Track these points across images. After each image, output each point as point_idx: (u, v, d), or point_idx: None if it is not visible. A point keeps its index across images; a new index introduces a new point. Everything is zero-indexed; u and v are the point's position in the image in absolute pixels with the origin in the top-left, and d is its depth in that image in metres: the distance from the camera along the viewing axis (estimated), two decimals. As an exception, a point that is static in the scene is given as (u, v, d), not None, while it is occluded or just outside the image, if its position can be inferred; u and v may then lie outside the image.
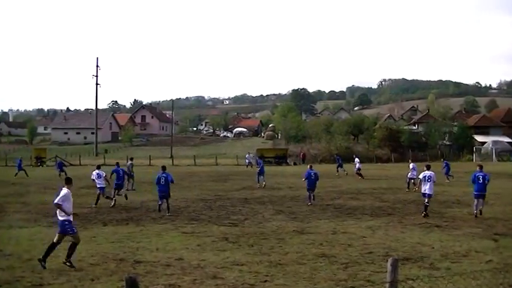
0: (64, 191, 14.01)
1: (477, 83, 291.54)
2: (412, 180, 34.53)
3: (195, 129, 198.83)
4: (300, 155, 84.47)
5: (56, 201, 13.85)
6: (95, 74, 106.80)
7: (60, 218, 13.87)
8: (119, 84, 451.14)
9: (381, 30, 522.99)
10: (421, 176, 23.59)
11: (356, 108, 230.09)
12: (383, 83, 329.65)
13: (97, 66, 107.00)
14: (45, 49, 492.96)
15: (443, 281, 10.84)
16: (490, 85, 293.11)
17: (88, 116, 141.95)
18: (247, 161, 68.24)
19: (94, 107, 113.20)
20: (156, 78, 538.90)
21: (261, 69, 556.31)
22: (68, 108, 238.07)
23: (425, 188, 22.97)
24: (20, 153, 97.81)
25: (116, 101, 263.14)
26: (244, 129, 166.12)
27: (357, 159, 49.55)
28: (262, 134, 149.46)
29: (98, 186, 27.52)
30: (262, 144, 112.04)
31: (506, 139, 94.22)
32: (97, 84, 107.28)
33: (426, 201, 22.88)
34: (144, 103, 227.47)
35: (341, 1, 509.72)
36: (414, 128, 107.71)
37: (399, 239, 17.42)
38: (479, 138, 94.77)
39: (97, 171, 27.95)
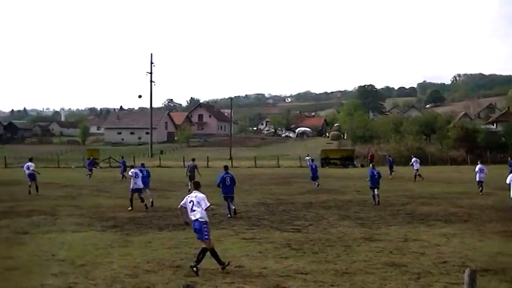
0: (203, 194, 14.28)
1: None
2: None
3: (255, 128, 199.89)
4: (368, 156, 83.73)
5: (208, 205, 14.13)
6: (149, 71, 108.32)
7: (201, 220, 13.92)
8: (175, 82, 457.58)
9: (454, 21, 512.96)
10: (508, 180, 22.98)
11: (428, 106, 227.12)
12: (457, 78, 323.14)
13: (151, 62, 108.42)
14: (96, 46, 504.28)
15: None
16: None
17: (142, 115, 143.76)
18: (308, 163, 68.19)
19: (149, 106, 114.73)
20: (213, 75, 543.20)
21: (325, 65, 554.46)
22: (121, 107, 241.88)
23: None
24: (72, 154, 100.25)
25: (172, 99, 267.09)
26: (308, 129, 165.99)
27: (414, 159, 49.07)
28: (327, 134, 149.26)
29: (133, 187, 27.38)
30: (327, 144, 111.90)
31: None
32: (151, 81, 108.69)
33: None
34: (201, 101, 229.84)
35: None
36: (492, 127, 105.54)
37: (477, 248, 17.07)
38: None
39: (135, 170, 28.18)
